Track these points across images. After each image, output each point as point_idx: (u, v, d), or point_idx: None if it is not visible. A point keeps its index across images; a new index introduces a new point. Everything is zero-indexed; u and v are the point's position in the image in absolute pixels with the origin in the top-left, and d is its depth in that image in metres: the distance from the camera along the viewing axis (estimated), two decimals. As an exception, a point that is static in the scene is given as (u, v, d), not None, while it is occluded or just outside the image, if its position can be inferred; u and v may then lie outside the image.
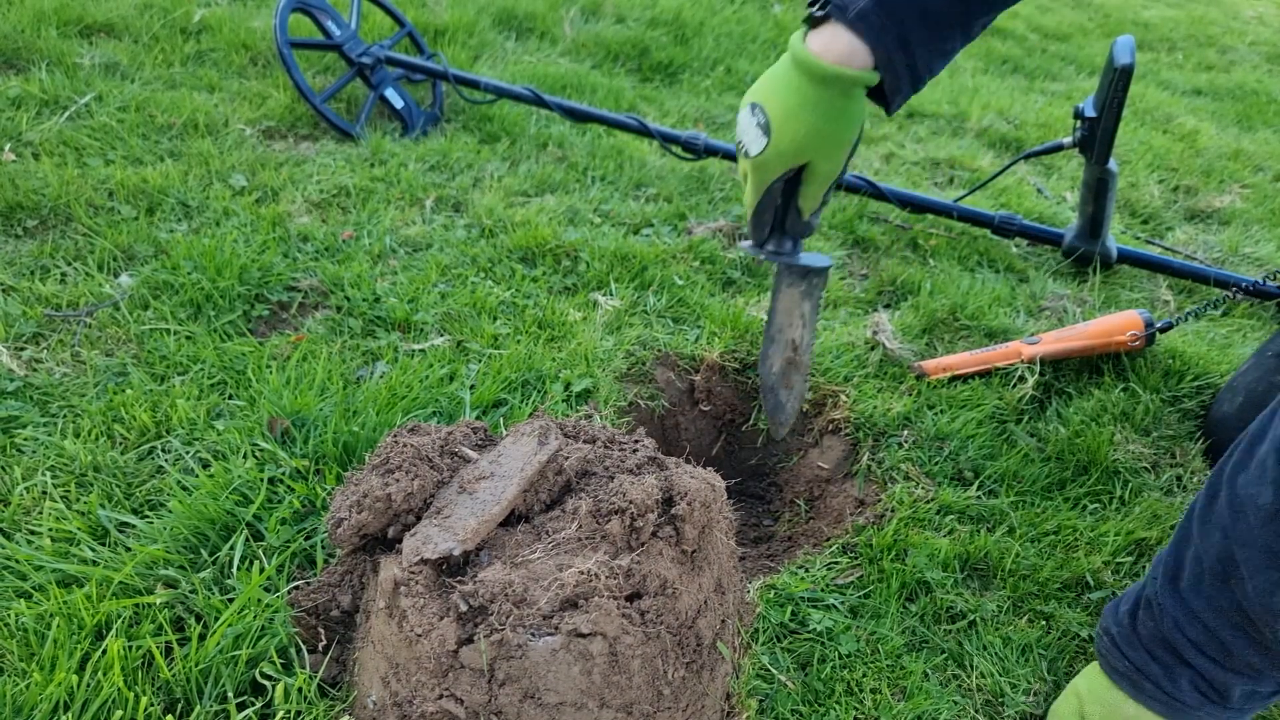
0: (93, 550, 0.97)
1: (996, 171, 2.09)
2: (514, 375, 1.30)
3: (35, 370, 1.22)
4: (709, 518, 0.83)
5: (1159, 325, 1.48)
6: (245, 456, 1.11)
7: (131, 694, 0.82)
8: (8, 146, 1.67)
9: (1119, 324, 1.47)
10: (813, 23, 0.89)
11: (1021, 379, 1.42)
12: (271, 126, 2.00)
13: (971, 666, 1.00)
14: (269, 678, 0.86)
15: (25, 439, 1.10)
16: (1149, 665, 0.90)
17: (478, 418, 1.21)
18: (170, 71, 2.12)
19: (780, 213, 1.01)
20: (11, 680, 0.82)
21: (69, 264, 1.42)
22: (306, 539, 1.01)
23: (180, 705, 0.84)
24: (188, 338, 1.31)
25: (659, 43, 2.84)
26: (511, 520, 0.82)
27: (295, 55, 2.04)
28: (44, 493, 1.04)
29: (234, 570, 0.97)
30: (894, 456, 1.27)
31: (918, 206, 1.91)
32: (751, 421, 1.42)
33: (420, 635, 0.73)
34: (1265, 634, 0.81)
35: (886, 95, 0.90)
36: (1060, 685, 1.01)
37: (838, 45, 0.86)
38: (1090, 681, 0.97)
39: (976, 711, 0.97)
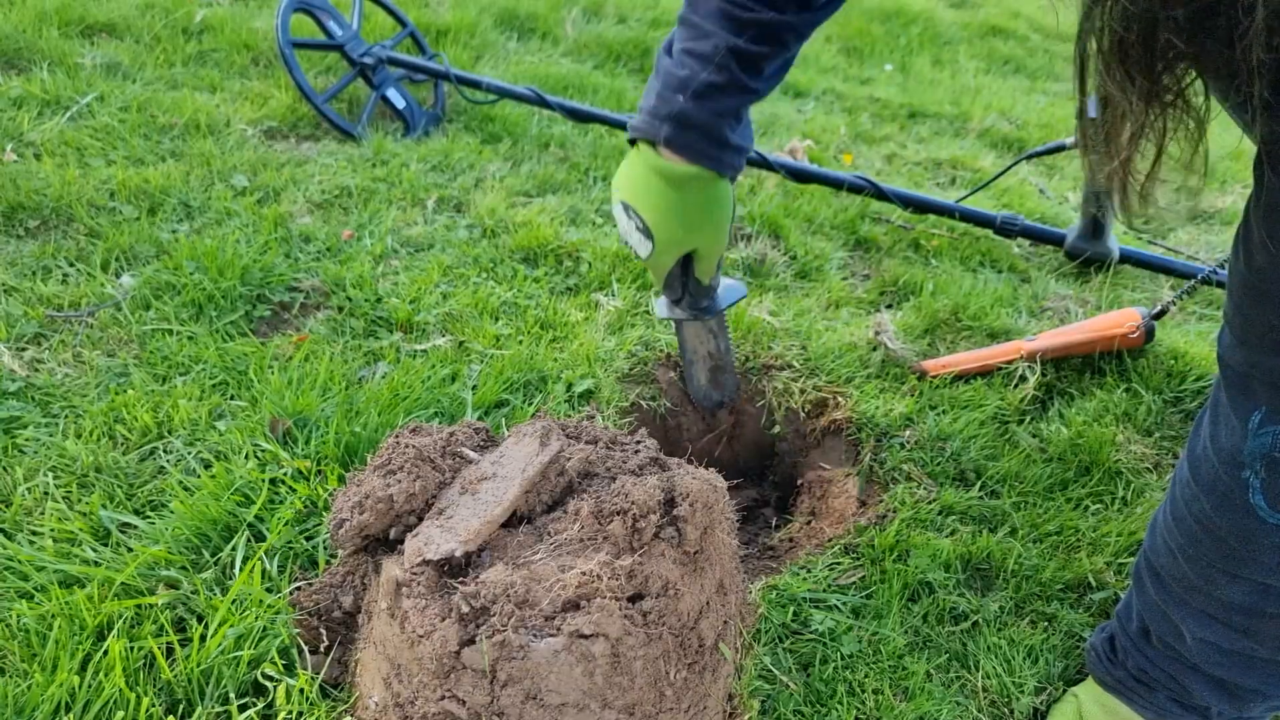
0: (94, 551, 0.97)
1: (999, 172, 2.09)
2: (516, 376, 1.30)
3: (37, 371, 1.22)
4: (711, 519, 0.83)
5: (1153, 312, 1.47)
6: (247, 457, 1.11)
7: (133, 695, 0.82)
8: (9, 147, 1.68)
9: (1117, 319, 1.47)
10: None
11: (1023, 379, 1.42)
12: (273, 127, 2.00)
13: (975, 667, 1.00)
14: (270, 679, 0.86)
15: (27, 439, 1.10)
16: (1132, 682, 0.92)
17: (479, 418, 1.21)
18: (172, 72, 2.12)
19: (685, 281, 1.12)
20: (13, 681, 0.82)
21: (70, 264, 1.42)
22: (308, 540, 1.01)
23: (182, 706, 0.84)
24: (189, 338, 1.30)
25: (660, 43, 2.84)
26: (513, 521, 0.82)
27: (297, 55, 2.04)
28: (46, 493, 1.04)
29: (236, 571, 0.97)
30: (896, 457, 1.26)
31: (920, 207, 1.91)
32: (761, 421, 1.42)
33: (422, 636, 0.72)
34: (1218, 676, 0.83)
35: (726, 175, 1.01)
36: (1063, 686, 1.01)
37: (677, 156, 0.96)
38: (1089, 684, 0.98)
39: (980, 712, 0.96)
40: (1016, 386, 1.41)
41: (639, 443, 0.93)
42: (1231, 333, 0.71)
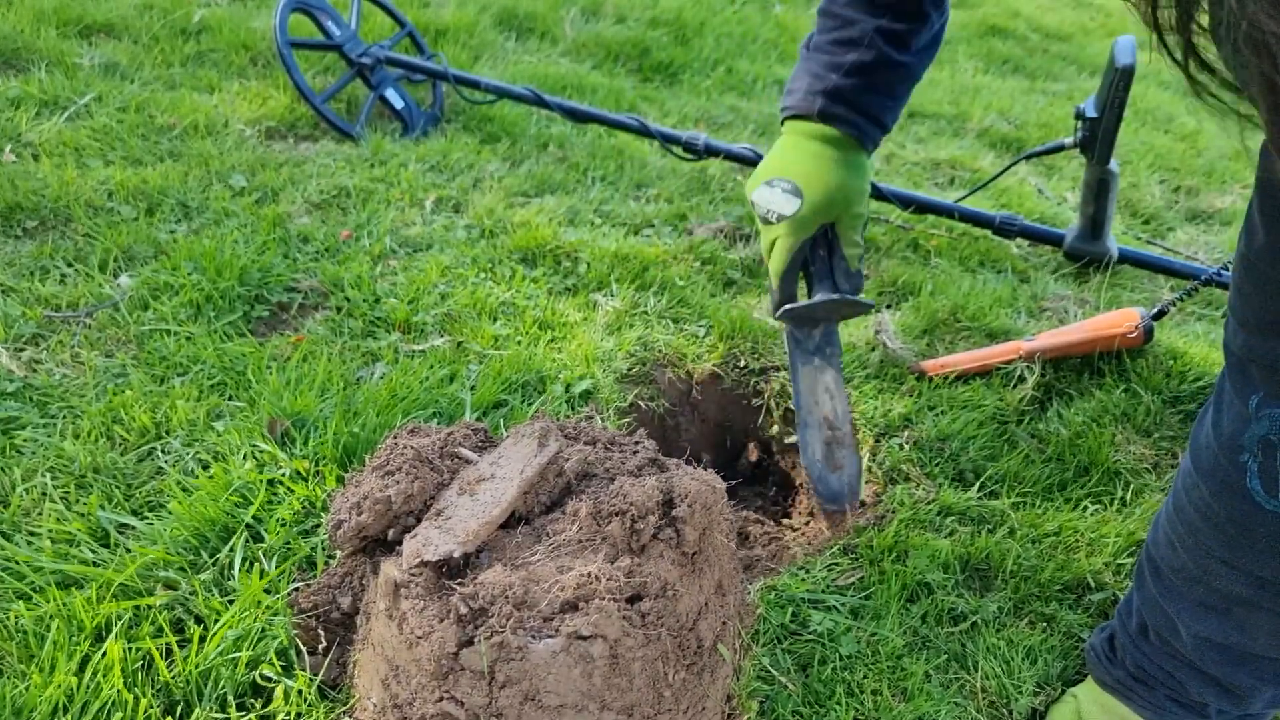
0: (93, 552, 0.97)
1: (998, 172, 2.09)
2: (514, 376, 1.30)
3: (35, 371, 1.21)
4: (710, 519, 0.82)
5: (1152, 312, 1.47)
6: (245, 458, 1.11)
7: (131, 696, 0.82)
8: (7, 147, 1.67)
9: (1116, 319, 1.47)
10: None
11: (1021, 379, 1.42)
12: (271, 127, 2.00)
13: (974, 668, 1.00)
14: (269, 680, 0.86)
15: (25, 440, 1.10)
16: (1131, 681, 0.92)
17: (478, 419, 1.21)
18: (170, 72, 2.12)
19: (827, 273, 1.11)
20: (11, 682, 0.82)
21: (69, 265, 1.42)
22: (307, 540, 1.01)
23: (180, 707, 0.84)
24: (187, 338, 1.30)
25: (659, 43, 2.84)
26: (511, 522, 0.82)
27: (295, 55, 2.04)
28: (44, 494, 1.04)
29: (234, 572, 0.97)
30: (895, 457, 1.26)
31: (919, 207, 1.91)
32: (758, 424, 1.42)
33: (420, 637, 0.72)
34: (1212, 674, 0.83)
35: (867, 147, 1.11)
36: (1062, 687, 1.01)
37: (829, 126, 1.06)
38: (1087, 685, 0.98)
39: (979, 713, 0.96)
40: (1015, 387, 1.41)
41: (638, 443, 0.93)
42: (1233, 317, 0.72)
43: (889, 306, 1.66)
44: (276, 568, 0.97)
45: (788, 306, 1.13)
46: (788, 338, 1.19)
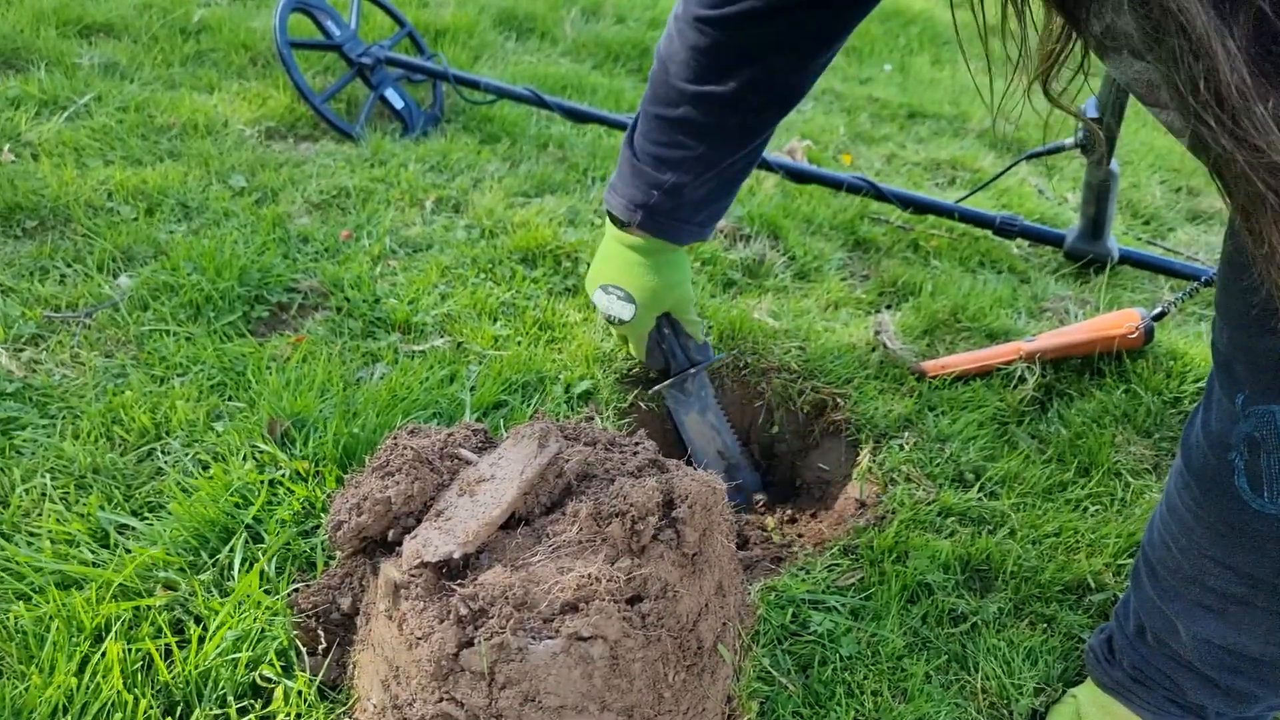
0: (92, 552, 0.97)
1: (998, 172, 2.09)
2: (514, 377, 1.30)
3: (34, 371, 1.21)
4: (710, 520, 0.82)
5: (1153, 313, 1.47)
6: (245, 458, 1.11)
7: (131, 696, 0.82)
8: (7, 147, 1.67)
9: (1116, 320, 1.47)
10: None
11: (1022, 380, 1.42)
12: (271, 127, 2.00)
13: (974, 669, 1.00)
14: (269, 680, 0.86)
15: (24, 440, 1.10)
16: (1129, 682, 0.92)
17: (478, 420, 1.21)
18: (170, 72, 2.12)
19: (668, 347, 1.30)
20: (11, 683, 0.82)
21: (68, 265, 1.42)
22: (306, 541, 1.01)
23: (180, 708, 0.84)
24: (187, 339, 1.30)
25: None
26: (512, 523, 0.82)
27: (295, 55, 2.03)
28: (43, 494, 1.03)
29: (234, 573, 0.96)
30: (895, 458, 1.26)
31: (919, 207, 1.91)
32: (760, 422, 1.42)
33: (420, 638, 0.72)
34: (1211, 676, 0.83)
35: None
36: (1062, 688, 1.01)
37: (647, 234, 1.19)
38: (1087, 686, 0.98)
39: (979, 713, 0.96)
40: (1016, 387, 1.41)
41: (638, 444, 0.93)
42: (1219, 316, 0.72)
43: (889, 307, 1.66)
44: (276, 568, 0.97)
45: (656, 387, 1.33)
46: (667, 397, 1.36)
